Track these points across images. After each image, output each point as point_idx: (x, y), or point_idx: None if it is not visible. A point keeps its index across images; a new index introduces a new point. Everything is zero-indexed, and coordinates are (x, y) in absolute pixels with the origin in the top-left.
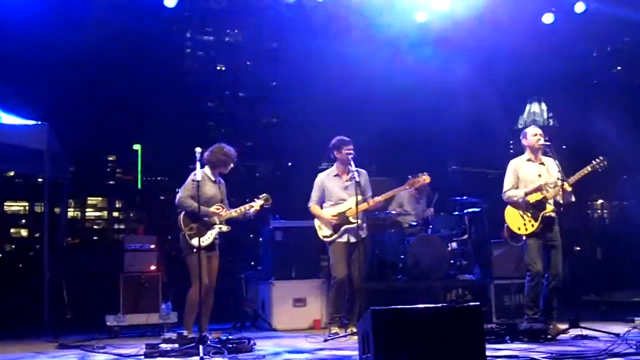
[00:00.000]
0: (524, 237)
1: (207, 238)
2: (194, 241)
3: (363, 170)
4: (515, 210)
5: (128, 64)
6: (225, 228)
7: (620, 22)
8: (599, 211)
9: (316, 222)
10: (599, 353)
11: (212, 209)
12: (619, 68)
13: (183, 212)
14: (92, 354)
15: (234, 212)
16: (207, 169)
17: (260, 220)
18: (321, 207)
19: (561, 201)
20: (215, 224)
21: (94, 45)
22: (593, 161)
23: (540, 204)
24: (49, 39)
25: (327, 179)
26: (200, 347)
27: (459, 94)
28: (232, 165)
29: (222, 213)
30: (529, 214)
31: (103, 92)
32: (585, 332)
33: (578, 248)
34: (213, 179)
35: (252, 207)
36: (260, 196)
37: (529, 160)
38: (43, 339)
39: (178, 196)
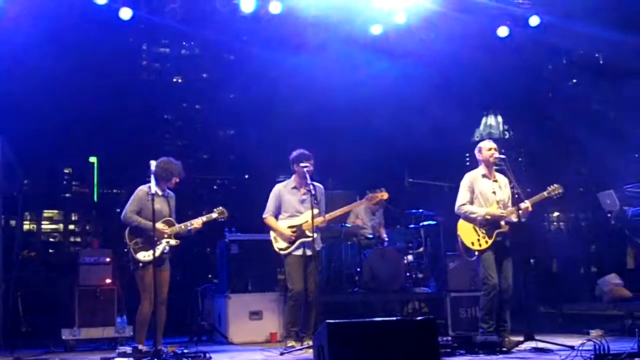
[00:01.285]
0: (476, 252)
1: (154, 251)
2: (139, 255)
3: (319, 185)
4: (469, 225)
5: (84, 76)
6: (173, 242)
7: (575, 35)
8: (554, 223)
9: (272, 234)
10: None
11: (159, 225)
12: (574, 81)
13: (128, 227)
14: None
15: (183, 226)
16: (152, 183)
17: (216, 233)
18: (276, 219)
19: (514, 220)
20: (163, 237)
21: (48, 58)
22: (548, 187)
23: (496, 222)
24: (0, 51)
25: (284, 191)
26: None
27: (414, 107)
28: (176, 179)
29: (166, 230)
30: (484, 231)
31: (58, 104)
32: (540, 344)
33: (532, 260)
34: (160, 192)
35: (192, 224)
36: (215, 209)
37: (484, 176)
38: None
39: (123, 212)
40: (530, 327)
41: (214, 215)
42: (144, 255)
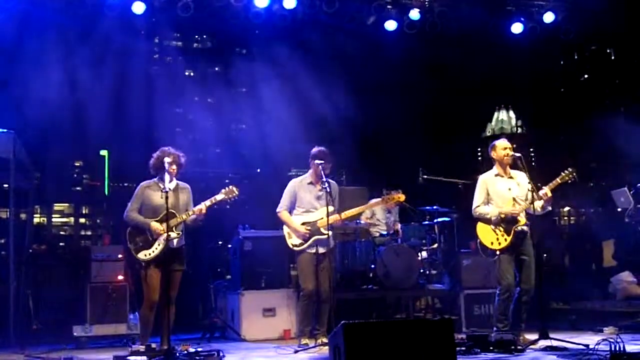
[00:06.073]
0: (497, 252)
1: (154, 250)
2: (141, 255)
3: (333, 182)
4: (486, 226)
5: (94, 70)
6: (173, 234)
7: (587, 31)
8: (565, 218)
9: (285, 230)
10: None
11: (155, 223)
12: (586, 76)
13: (129, 227)
14: None
15: (184, 216)
16: (166, 178)
17: (229, 229)
18: (290, 214)
19: (536, 212)
20: (161, 234)
21: (59, 52)
22: (562, 172)
23: (512, 219)
24: (13, 46)
25: (300, 186)
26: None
27: (428, 103)
28: (168, 161)
29: (160, 229)
30: (501, 229)
31: (68, 98)
32: (554, 343)
33: (545, 255)
34: (161, 186)
35: (198, 211)
36: (222, 190)
37: (497, 175)
38: (8, 350)
39: (125, 211)
40: (544, 325)
41: (220, 196)
42: (145, 254)
